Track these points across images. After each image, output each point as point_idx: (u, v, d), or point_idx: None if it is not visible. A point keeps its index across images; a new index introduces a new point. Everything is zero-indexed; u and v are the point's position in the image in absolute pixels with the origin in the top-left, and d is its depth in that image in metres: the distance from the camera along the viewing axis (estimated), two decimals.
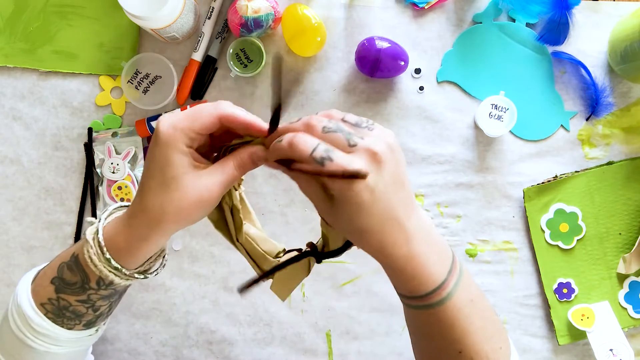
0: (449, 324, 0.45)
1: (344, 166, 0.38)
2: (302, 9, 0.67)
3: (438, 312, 0.44)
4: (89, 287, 0.48)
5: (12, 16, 0.71)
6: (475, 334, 0.46)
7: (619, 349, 0.67)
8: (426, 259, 0.43)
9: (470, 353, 0.46)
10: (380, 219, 0.40)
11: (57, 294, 0.48)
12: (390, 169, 0.40)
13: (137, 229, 0.45)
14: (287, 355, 0.71)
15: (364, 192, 0.39)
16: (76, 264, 0.47)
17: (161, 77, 0.70)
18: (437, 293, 0.44)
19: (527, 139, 0.71)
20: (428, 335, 0.47)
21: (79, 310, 0.49)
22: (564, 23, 0.69)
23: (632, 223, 0.70)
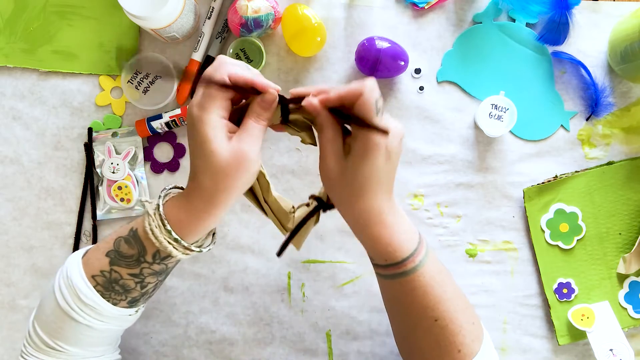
0: (423, 290, 0.49)
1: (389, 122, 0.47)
2: (302, 9, 0.67)
3: (413, 280, 0.49)
4: (144, 260, 0.50)
5: (12, 16, 0.71)
6: (449, 302, 0.50)
7: (619, 349, 0.68)
8: (399, 229, 0.49)
9: (445, 320, 0.50)
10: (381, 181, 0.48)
11: (111, 266, 0.51)
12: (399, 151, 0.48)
13: (196, 205, 0.48)
14: (287, 355, 0.71)
15: (382, 152, 0.46)
16: (135, 237, 0.50)
17: (161, 77, 0.70)
18: (410, 260, 0.49)
19: (527, 139, 0.71)
20: (404, 305, 0.51)
21: (128, 284, 0.52)
22: (564, 23, 0.69)
23: (632, 223, 0.70)
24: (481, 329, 0.53)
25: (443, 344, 0.50)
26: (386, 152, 0.47)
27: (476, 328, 0.52)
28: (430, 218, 0.71)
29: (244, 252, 0.71)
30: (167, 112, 0.69)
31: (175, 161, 0.71)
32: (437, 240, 0.71)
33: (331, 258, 0.71)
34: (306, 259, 0.71)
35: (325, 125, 0.48)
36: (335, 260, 0.71)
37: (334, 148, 0.48)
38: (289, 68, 0.71)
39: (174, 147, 0.71)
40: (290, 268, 0.71)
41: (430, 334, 0.50)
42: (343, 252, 0.71)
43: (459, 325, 0.50)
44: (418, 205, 0.71)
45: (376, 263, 0.51)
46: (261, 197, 0.54)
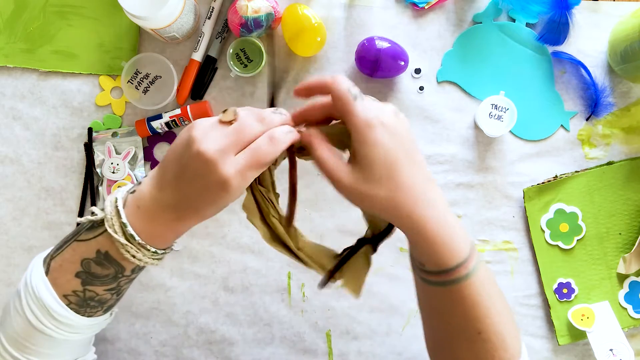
0: (472, 301, 0.45)
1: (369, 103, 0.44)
2: (302, 9, 0.67)
3: (462, 288, 0.45)
4: (122, 275, 0.49)
5: (12, 16, 0.71)
6: (497, 315, 0.46)
7: (619, 349, 0.67)
8: (454, 228, 0.45)
9: (489, 334, 0.46)
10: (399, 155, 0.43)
11: (84, 286, 0.49)
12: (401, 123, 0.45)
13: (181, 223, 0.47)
14: (287, 355, 0.71)
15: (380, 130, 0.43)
16: (107, 258, 0.48)
17: (161, 77, 0.70)
18: (464, 266, 0.45)
19: (527, 139, 0.71)
20: (447, 314, 0.47)
21: (104, 298, 0.50)
22: (564, 23, 0.69)
23: (632, 223, 0.70)
24: (520, 342, 0.50)
25: (482, 356, 0.47)
26: (385, 128, 0.43)
27: (517, 342, 0.49)
28: None
29: (244, 252, 0.71)
30: (167, 112, 0.69)
31: None
32: None
33: None
34: None
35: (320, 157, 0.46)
36: None
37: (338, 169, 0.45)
38: (289, 68, 0.71)
39: None
40: (290, 268, 0.71)
41: (472, 346, 0.47)
42: None
43: (501, 340, 0.47)
44: None
45: (425, 269, 0.47)
46: (293, 246, 0.51)
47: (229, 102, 0.71)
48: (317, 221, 0.71)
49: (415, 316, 0.71)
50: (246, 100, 0.71)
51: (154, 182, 0.47)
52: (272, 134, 0.45)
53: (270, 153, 0.44)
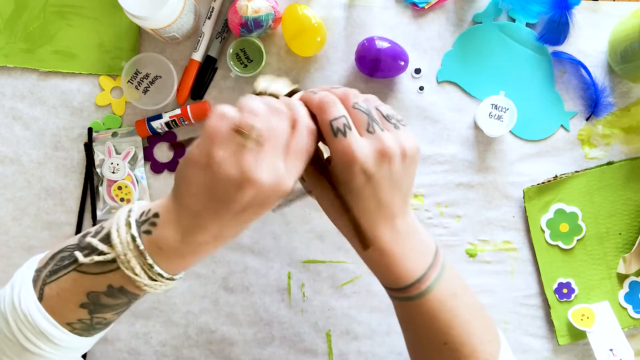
0: (432, 315, 0.46)
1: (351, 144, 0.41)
2: (302, 9, 0.67)
3: (420, 304, 0.46)
4: (134, 300, 0.47)
5: (12, 16, 0.71)
6: (460, 327, 0.47)
7: (619, 349, 0.67)
8: (401, 255, 0.45)
9: (455, 344, 0.47)
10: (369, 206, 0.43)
11: (92, 315, 0.46)
12: (394, 169, 0.42)
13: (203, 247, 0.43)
14: (287, 355, 0.71)
15: (360, 176, 0.41)
16: (122, 292, 0.45)
17: (161, 77, 0.70)
18: (416, 287, 0.46)
19: (527, 139, 0.71)
20: (414, 326, 0.49)
21: (112, 320, 0.48)
22: (564, 23, 0.69)
23: (632, 223, 0.70)
24: (498, 346, 0.50)
25: None
26: (362, 173, 0.41)
27: (492, 345, 0.49)
28: (430, 218, 0.71)
29: (244, 252, 0.71)
30: (167, 112, 0.69)
31: (175, 161, 0.71)
32: (437, 240, 0.71)
33: (331, 258, 0.71)
34: (306, 259, 0.71)
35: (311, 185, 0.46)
36: (335, 260, 0.71)
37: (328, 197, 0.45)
38: (289, 68, 0.71)
39: (173, 147, 0.71)
40: (290, 268, 0.71)
41: (441, 356, 0.48)
42: (343, 252, 0.71)
43: (471, 348, 0.47)
44: (418, 205, 0.71)
45: (385, 285, 0.49)
46: None
47: (229, 102, 0.70)
48: (317, 221, 0.71)
49: None
50: None
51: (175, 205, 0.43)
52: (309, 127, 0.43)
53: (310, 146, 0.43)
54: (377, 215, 0.44)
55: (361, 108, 0.42)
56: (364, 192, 0.42)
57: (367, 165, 0.41)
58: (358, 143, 0.41)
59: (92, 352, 0.71)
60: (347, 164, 0.41)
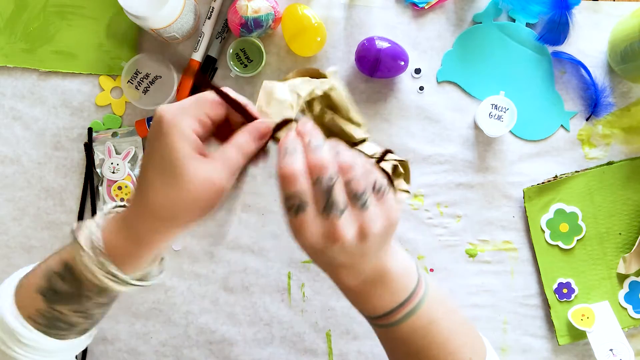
0: (404, 341, 0.46)
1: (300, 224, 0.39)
2: (302, 9, 0.67)
3: (393, 331, 0.46)
4: (86, 296, 0.45)
5: (12, 16, 0.71)
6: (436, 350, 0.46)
7: (619, 349, 0.67)
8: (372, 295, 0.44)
9: None
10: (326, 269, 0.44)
11: (49, 305, 0.45)
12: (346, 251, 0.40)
13: (140, 230, 0.42)
14: (287, 355, 0.71)
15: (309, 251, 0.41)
16: (71, 273, 0.44)
17: (161, 77, 0.70)
18: (385, 318, 0.45)
19: (527, 139, 0.71)
20: (391, 349, 0.49)
21: (73, 320, 0.46)
22: (564, 23, 0.69)
23: (632, 223, 0.70)
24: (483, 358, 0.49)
25: None
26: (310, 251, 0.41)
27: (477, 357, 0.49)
28: (430, 218, 0.71)
29: (244, 252, 0.71)
30: None
31: None
32: (437, 240, 0.71)
33: None
34: (306, 259, 0.71)
35: None
36: None
37: None
38: (289, 68, 0.71)
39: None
40: (290, 268, 0.71)
41: None
42: None
43: None
44: (418, 205, 0.71)
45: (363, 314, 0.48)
46: None
47: None
48: None
49: None
50: None
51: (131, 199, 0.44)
52: None
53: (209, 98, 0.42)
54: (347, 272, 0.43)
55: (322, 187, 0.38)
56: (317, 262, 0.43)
57: (312, 248, 0.40)
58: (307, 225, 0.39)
59: (92, 352, 0.71)
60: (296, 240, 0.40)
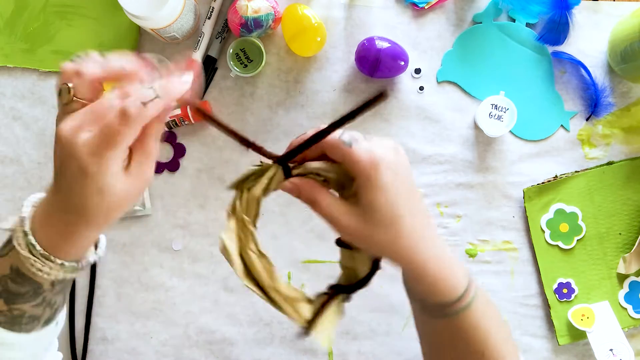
0: (474, 326, 0.46)
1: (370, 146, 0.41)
2: (302, 9, 0.67)
3: (465, 316, 0.46)
4: (41, 290, 0.45)
5: (12, 16, 0.71)
6: (496, 335, 0.47)
7: (619, 349, 0.67)
8: (452, 263, 0.45)
9: (492, 354, 0.47)
10: (407, 203, 0.42)
11: (8, 305, 0.45)
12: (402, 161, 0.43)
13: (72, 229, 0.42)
14: (287, 355, 0.71)
15: (387, 172, 0.41)
16: (18, 274, 0.44)
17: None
18: (464, 298, 0.45)
19: (527, 139, 0.71)
20: (449, 342, 0.48)
21: (35, 313, 0.46)
22: (564, 23, 0.69)
23: (632, 223, 0.70)
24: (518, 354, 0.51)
25: None
26: (388, 169, 0.41)
27: (516, 356, 0.50)
28: None
29: None
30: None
31: (175, 161, 0.71)
32: None
33: (331, 258, 0.71)
34: (306, 259, 0.71)
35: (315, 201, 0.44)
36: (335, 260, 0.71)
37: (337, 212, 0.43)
38: (289, 68, 0.71)
39: (174, 147, 0.71)
40: (290, 268, 0.71)
41: None
42: None
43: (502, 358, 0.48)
44: None
45: (426, 303, 0.47)
46: (269, 286, 0.46)
47: (229, 102, 0.71)
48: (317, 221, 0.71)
49: None
50: (246, 100, 0.71)
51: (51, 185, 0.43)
52: (124, 108, 0.39)
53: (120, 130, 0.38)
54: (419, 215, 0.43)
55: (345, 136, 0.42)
56: (400, 188, 0.42)
57: (392, 156, 0.42)
58: (374, 144, 0.42)
59: (92, 352, 0.71)
60: (373, 163, 0.41)
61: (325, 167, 0.44)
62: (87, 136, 0.39)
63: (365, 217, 0.42)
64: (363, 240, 0.43)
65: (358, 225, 0.42)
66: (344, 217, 0.43)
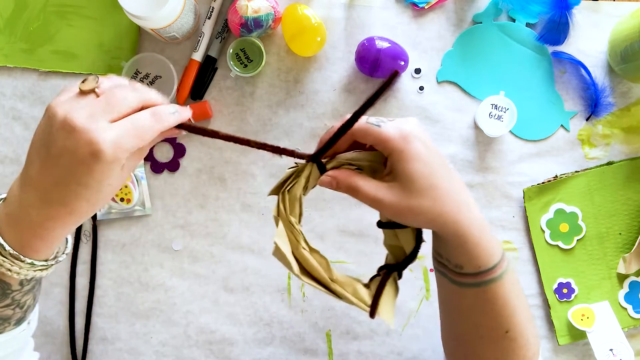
0: (503, 300, 0.47)
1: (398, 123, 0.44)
2: (302, 8, 0.67)
3: (496, 288, 0.46)
4: (11, 290, 0.45)
5: (12, 16, 0.71)
6: (522, 314, 0.48)
7: (619, 349, 0.67)
8: (489, 230, 0.46)
9: (515, 333, 0.48)
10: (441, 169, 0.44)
11: None
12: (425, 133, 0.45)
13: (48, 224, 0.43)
14: (287, 355, 0.71)
15: (418, 143, 0.43)
16: None
17: (161, 77, 0.70)
18: (499, 266, 0.46)
19: (527, 139, 0.71)
20: (477, 314, 0.48)
21: (5, 314, 0.47)
22: (564, 23, 0.69)
23: (632, 223, 0.70)
24: (539, 341, 0.52)
25: (508, 356, 0.49)
26: (419, 140, 0.44)
27: (537, 341, 0.51)
28: None
29: (244, 252, 0.71)
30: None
31: (175, 161, 0.71)
32: None
33: (331, 258, 0.71)
34: None
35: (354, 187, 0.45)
36: (335, 260, 0.71)
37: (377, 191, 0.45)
38: (289, 68, 0.71)
39: (174, 147, 0.71)
40: None
41: (498, 345, 0.48)
42: (343, 252, 0.71)
43: (525, 339, 0.48)
44: None
45: (462, 271, 0.47)
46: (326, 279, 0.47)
47: (229, 102, 0.71)
48: (317, 221, 0.71)
49: (415, 316, 0.71)
50: (246, 100, 0.71)
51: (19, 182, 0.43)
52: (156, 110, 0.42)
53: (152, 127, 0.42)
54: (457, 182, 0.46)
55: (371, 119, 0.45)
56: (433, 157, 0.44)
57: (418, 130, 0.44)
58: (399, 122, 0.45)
59: (92, 352, 0.71)
60: (404, 137, 0.43)
61: (357, 155, 0.46)
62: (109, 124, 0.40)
63: (406, 188, 0.44)
64: (409, 212, 0.44)
65: (402, 199, 0.44)
66: (386, 195, 0.44)
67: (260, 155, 0.71)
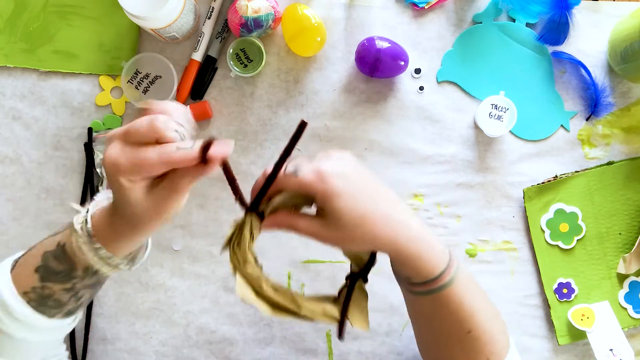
0: (458, 303, 0.49)
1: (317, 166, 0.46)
2: (302, 8, 0.67)
3: (448, 293, 0.49)
4: (75, 275, 0.49)
5: (12, 16, 0.71)
6: (481, 312, 0.50)
7: (619, 349, 0.68)
8: (430, 241, 0.48)
9: (478, 332, 0.50)
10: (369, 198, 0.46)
11: (42, 282, 0.49)
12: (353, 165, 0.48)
13: (118, 226, 0.47)
14: (287, 355, 0.71)
15: (336, 180, 0.45)
16: (63, 252, 0.48)
17: (161, 77, 0.70)
18: (446, 273, 0.48)
19: (527, 139, 0.71)
20: (437, 319, 0.51)
21: (62, 299, 0.50)
22: (564, 23, 0.69)
23: (632, 223, 0.70)
24: (507, 335, 0.54)
25: (473, 354, 0.51)
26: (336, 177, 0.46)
27: (504, 336, 0.53)
28: (430, 218, 0.71)
29: None
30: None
31: None
32: None
33: (331, 258, 0.71)
34: (306, 259, 0.71)
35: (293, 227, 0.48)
36: (335, 260, 0.71)
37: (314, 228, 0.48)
38: (289, 68, 0.71)
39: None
40: (290, 268, 0.71)
41: (463, 345, 0.51)
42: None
43: (490, 336, 0.51)
44: (418, 205, 0.71)
45: (413, 282, 0.50)
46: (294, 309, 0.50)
47: (229, 102, 0.71)
48: None
49: None
50: (246, 100, 0.71)
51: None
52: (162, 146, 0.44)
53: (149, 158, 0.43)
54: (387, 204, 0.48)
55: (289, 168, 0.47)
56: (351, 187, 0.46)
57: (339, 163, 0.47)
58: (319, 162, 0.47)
59: (93, 352, 0.71)
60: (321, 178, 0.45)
61: (289, 195, 0.49)
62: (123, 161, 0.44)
63: (337, 224, 0.46)
64: (345, 242, 0.48)
65: (336, 232, 0.47)
66: (321, 231, 0.47)
67: (261, 155, 0.71)
